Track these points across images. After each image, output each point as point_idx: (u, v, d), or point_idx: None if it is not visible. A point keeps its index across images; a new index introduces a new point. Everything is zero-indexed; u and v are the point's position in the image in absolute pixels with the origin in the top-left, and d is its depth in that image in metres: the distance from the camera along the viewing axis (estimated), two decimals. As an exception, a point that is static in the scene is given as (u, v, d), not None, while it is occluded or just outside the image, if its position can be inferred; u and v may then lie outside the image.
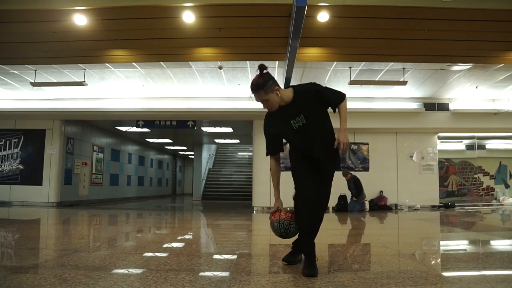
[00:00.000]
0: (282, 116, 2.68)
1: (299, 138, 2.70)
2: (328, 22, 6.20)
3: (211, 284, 2.28)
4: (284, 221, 2.69)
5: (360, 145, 10.85)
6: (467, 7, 5.86)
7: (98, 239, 4.54)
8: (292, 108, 2.67)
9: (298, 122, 2.66)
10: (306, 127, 2.66)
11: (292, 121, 2.67)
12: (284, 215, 2.71)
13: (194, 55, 7.51)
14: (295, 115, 2.66)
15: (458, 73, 8.73)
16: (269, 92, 2.61)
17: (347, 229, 6.22)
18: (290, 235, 2.74)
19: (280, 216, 2.71)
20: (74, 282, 2.24)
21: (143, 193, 19.09)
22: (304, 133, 2.67)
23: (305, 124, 2.66)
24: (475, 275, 2.65)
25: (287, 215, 2.71)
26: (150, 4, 5.91)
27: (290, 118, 2.68)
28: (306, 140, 2.68)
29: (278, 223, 2.70)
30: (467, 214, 8.77)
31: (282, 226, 2.68)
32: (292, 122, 2.67)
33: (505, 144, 12.32)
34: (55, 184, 11.22)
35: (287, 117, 2.68)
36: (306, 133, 2.66)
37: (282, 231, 2.70)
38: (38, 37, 6.84)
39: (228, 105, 10.21)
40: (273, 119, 2.76)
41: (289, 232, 2.70)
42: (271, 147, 2.82)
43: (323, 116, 2.73)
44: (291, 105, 2.67)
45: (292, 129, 2.68)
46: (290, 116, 2.68)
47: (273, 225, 2.73)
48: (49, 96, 10.48)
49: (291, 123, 2.67)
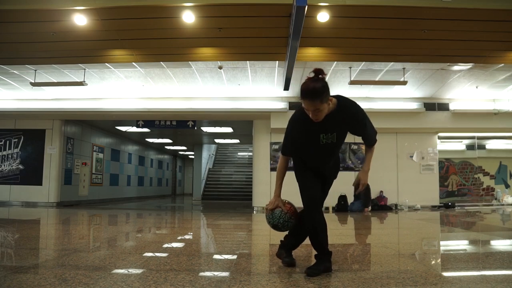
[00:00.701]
0: (314, 127, 2.42)
1: (318, 153, 2.55)
2: (328, 22, 6.20)
3: (211, 284, 2.28)
4: (287, 213, 2.67)
5: (360, 145, 10.84)
6: (467, 7, 5.87)
7: (98, 239, 4.54)
8: (327, 122, 2.40)
9: (328, 139, 2.46)
10: (332, 147, 2.50)
11: (322, 135, 2.45)
12: (288, 207, 2.69)
13: (194, 55, 7.51)
14: (328, 131, 2.45)
15: (458, 73, 8.73)
16: (325, 101, 2.30)
17: (347, 229, 6.22)
18: (285, 229, 2.72)
19: (285, 206, 2.69)
20: (74, 282, 2.24)
21: (143, 193, 19.10)
22: (326, 150, 2.52)
23: (333, 143, 2.49)
24: (475, 275, 2.64)
25: (290, 209, 2.70)
26: (150, 4, 5.91)
27: (321, 132, 2.45)
28: (323, 157, 2.58)
29: (280, 212, 2.66)
30: (467, 214, 8.77)
31: (283, 217, 2.65)
32: (321, 136, 2.46)
33: (505, 144, 12.31)
34: (55, 184, 11.22)
35: (319, 130, 2.44)
36: (327, 151, 2.53)
37: (281, 221, 2.65)
38: (38, 37, 6.84)
39: (228, 105, 10.22)
40: (302, 125, 2.48)
41: (286, 225, 2.68)
42: (291, 147, 2.63)
43: (344, 139, 2.59)
44: (328, 119, 2.40)
45: (319, 144, 2.49)
46: (322, 130, 2.44)
47: (274, 212, 2.68)
48: (49, 96, 10.48)
49: (320, 137, 2.46)
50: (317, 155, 2.59)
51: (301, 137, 2.53)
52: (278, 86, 9.46)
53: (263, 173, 10.60)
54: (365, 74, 8.66)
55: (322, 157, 2.60)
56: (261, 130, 10.86)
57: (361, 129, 2.57)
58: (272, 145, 10.72)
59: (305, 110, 2.36)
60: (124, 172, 16.62)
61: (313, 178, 2.63)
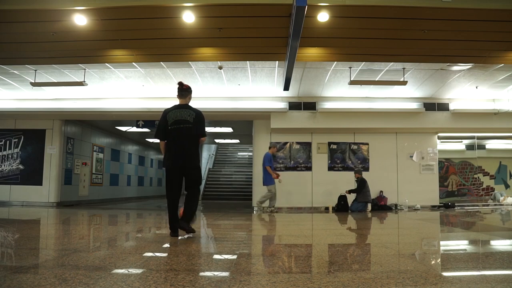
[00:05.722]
0: None
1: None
2: (328, 22, 6.20)
3: (211, 284, 2.28)
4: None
5: (360, 145, 10.84)
6: (467, 7, 5.88)
7: (98, 239, 4.54)
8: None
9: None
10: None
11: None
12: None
13: (194, 55, 7.51)
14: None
15: (458, 73, 8.74)
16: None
17: (347, 229, 6.22)
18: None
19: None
20: (74, 282, 2.24)
21: (143, 193, 19.10)
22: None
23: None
24: (475, 275, 2.64)
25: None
26: (150, 4, 5.92)
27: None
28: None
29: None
30: (467, 214, 8.77)
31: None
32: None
33: (505, 144, 12.31)
34: (55, 184, 11.22)
35: None
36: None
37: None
38: (38, 37, 6.85)
39: (228, 105, 10.21)
40: None
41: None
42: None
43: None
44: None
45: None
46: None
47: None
48: (49, 96, 10.49)
49: None
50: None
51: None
52: (278, 86, 9.46)
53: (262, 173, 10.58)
54: (365, 74, 8.67)
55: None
56: (261, 130, 10.86)
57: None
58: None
59: None
60: (124, 172, 16.62)
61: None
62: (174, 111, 4.51)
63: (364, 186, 9.69)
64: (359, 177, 9.92)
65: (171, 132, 4.38)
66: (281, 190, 10.31)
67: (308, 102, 10.28)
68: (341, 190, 9.97)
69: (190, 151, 4.33)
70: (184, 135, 4.34)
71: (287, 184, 10.21)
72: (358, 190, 9.73)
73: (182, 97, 4.67)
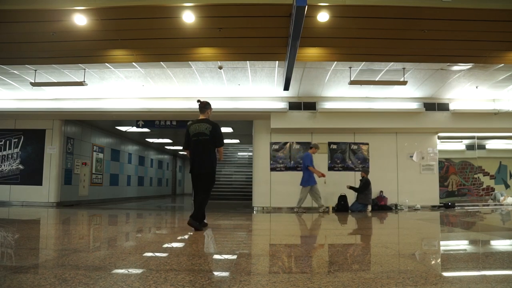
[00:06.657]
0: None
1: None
2: (328, 22, 6.20)
3: (211, 284, 2.28)
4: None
5: (360, 145, 10.84)
6: (467, 7, 5.88)
7: (98, 239, 4.54)
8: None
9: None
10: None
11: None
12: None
13: (194, 55, 7.51)
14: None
15: (458, 73, 8.74)
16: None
17: (347, 229, 6.21)
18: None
19: None
20: (74, 282, 2.24)
21: (143, 193, 19.09)
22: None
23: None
24: (475, 275, 2.64)
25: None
26: (150, 4, 5.92)
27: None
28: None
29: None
30: (467, 214, 8.77)
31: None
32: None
33: (505, 144, 12.31)
34: (55, 184, 11.22)
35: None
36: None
37: None
38: (38, 37, 6.85)
39: (228, 105, 10.21)
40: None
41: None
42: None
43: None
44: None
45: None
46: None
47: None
48: (49, 96, 10.48)
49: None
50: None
51: None
52: (278, 86, 9.46)
53: (263, 173, 10.59)
54: (365, 74, 8.66)
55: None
56: (261, 130, 10.86)
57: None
58: (272, 145, 10.72)
59: None
60: (124, 172, 16.62)
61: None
62: (194, 125, 5.20)
63: (367, 188, 9.71)
64: (364, 176, 9.93)
65: (192, 143, 5.14)
66: (281, 190, 10.33)
67: (308, 102, 10.28)
68: (341, 190, 9.97)
69: (202, 159, 5.07)
70: (202, 146, 5.09)
71: (287, 184, 10.23)
72: (360, 190, 9.73)
73: (202, 112, 5.31)
